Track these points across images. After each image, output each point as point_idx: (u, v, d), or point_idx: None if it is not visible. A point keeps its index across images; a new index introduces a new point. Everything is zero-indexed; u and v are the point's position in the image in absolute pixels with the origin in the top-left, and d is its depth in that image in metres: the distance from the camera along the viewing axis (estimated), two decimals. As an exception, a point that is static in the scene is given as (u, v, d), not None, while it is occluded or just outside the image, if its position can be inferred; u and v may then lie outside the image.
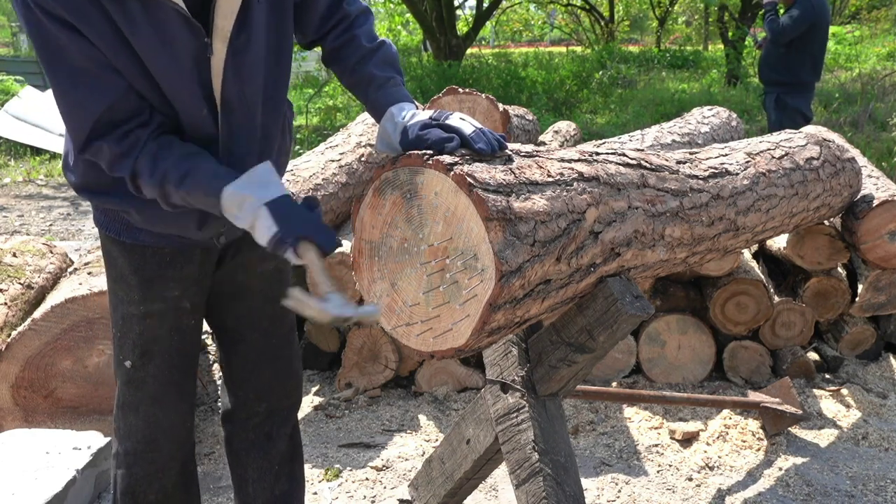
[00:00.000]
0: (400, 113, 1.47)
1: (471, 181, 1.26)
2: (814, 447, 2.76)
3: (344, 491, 2.51)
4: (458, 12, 16.30)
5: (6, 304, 2.84)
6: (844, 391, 3.12)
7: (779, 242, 3.30)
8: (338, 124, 10.16)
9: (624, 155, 1.70)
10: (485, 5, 14.12)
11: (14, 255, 3.22)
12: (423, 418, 2.96)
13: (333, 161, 3.55)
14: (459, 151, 1.34)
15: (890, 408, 3.02)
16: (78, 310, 2.57)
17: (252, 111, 1.50)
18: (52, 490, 2.20)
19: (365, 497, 2.47)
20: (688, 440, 2.80)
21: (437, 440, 2.79)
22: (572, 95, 12.11)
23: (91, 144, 1.37)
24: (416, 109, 1.49)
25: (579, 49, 20.33)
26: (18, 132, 8.79)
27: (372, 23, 1.64)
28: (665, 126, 4.38)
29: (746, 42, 12.33)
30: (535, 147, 1.53)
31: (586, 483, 2.51)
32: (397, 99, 1.51)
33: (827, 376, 3.29)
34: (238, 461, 1.89)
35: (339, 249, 2.50)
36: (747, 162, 2.21)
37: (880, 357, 3.43)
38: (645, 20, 24.39)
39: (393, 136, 1.45)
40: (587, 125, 9.88)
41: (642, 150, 1.84)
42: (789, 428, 2.82)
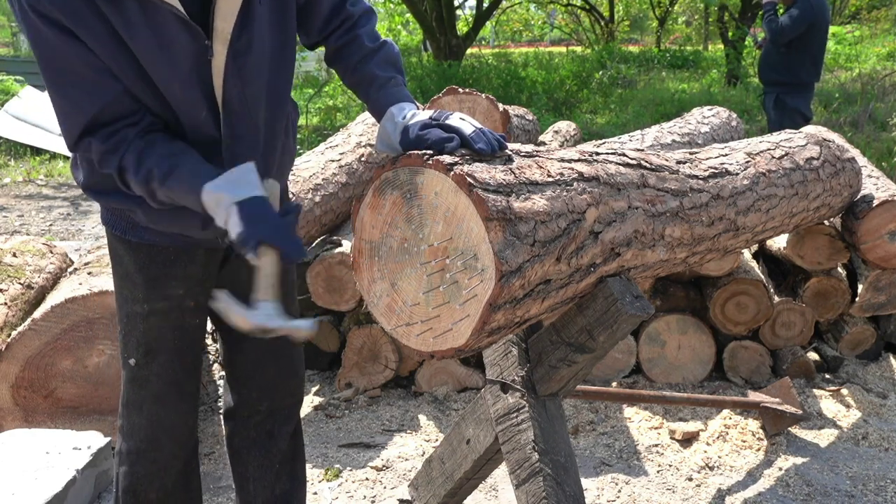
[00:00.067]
0: (400, 113, 1.47)
1: (471, 181, 1.26)
2: (814, 447, 2.76)
3: (344, 491, 2.51)
4: (458, 12, 16.31)
5: (6, 304, 2.84)
6: (844, 391, 3.12)
7: (779, 242, 3.30)
8: (338, 124, 10.16)
9: (624, 155, 1.70)
10: (485, 5, 14.12)
11: (14, 255, 3.22)
12: (423, 418, 2.96)
13: (333, 161, 3.55)
14: (459, 151, 1.34)
15: (890, 408, 3.02)
16: (78, 310, 2.57)
17: (254, 112, 1.50)
18: (52, 490, 2.20)
19: (365, 497, 2.47)
20: (688, 440, 2.80)
21: (437, 440, 2.79)
22: (572, 95, 12.11)
23: (81, 142, 1.38)
24: (417, 109, 1.49)
25: (579, 49, 20.32)
26: (18, 132, 8.79)
27: (374, 23, 1.64)
28: (665, 126, 4.37)
29: (746, 42, 12.33)
30: (535, 147, 1.53)
31: (586, 483, 2.51)
32: (398, 99, 1.51)
33: (827, 376, 3.29)
34: (239, 459, 1.89)
35: (339, 249, 2.50)
36: (747, 162, 2.21)
37: (880, 357, 3.43)
38: (645, 20, 24.38)
39: (393, 136, 1.45)
40: (587, 125, 9.88)
41: (642, 150, 1.84)
42: (789, 428, 2.82)
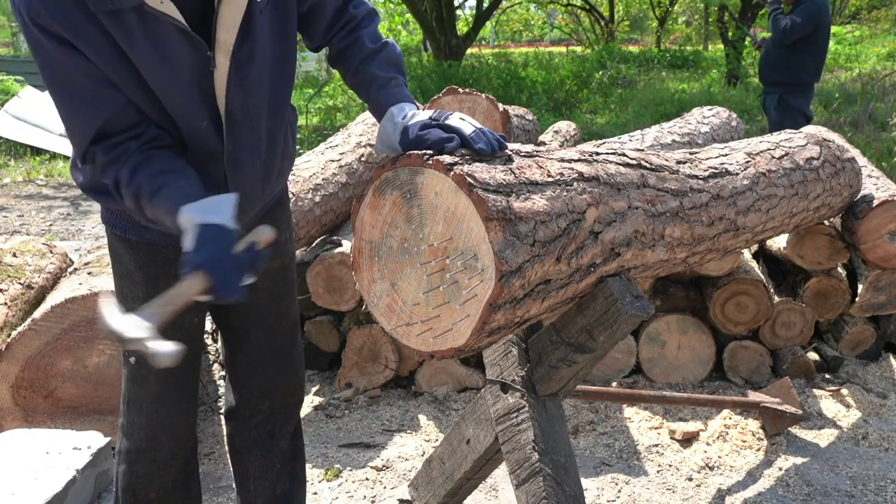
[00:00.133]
0: (400, 113, 1.47)
1: (471, 181, 1.26)
2: (814, 447, 2.76)
3: (344, 491, 2.51)
4: (458, 12, 16.30)
5: (6, 304, 2.84)
6: (844, 391, 3.12)
7: (779, 242, 3.30)
8: (338, 124, 10.16)
9: (624, 155, 1.70)
10: (485, 5, 14.12)
11: (14, 255, 3.22)
12: (423, 418, 2.96)
13: (333, 161, 3.55)
14: (459, 151, 1.34)
15: (890, 408, 3.02)
16: (78, 310, 2.57)
17: (256, 121, 1.50)
18: (52, 490, 2.20)
19: (365, 497, 2.47)
20: (688, 440, 2.80)
21: (437, 440, 2.79)
22: (572, 95, 12.11)
23: (87, 154, 1.39)
24: (417, 109, 1.49)
25: (579, 49, 20.32)
26: (18, 132, 8.79)
27: (377, 24, 1.64)
28: (665, 126, 4.37)
29: (746, 42, 12.33)
30: (535, 147, 1.53)
31: (586, 483, 2.51)
32: (398, 99, 1.51)
33: (827, 376, 3.29)
34: (240, 459, 1.90)
35: (339, 249, 2.50)
36: (747, 162, 2.21)
37: (880, 357, 3.43)
38: (645, 20, 24.38)
39: (393, 136, 1.45)
40: (587, 125, 9.88)
41: (642, 150, 1.84)
42: (789, 428, 2.82)
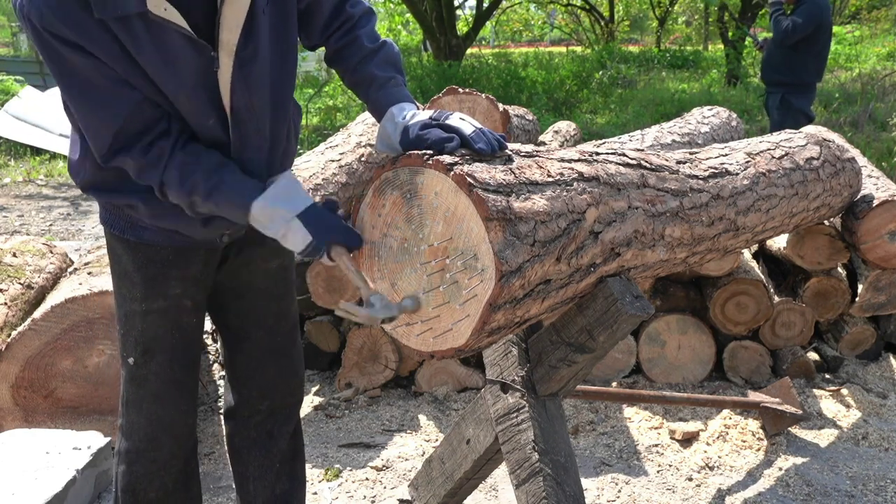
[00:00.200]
0: (400, 113, 1.47)
1: (471, 181, 1.26)
2: (814, 447, 2.76)
3: (344, 491, 2.51)
4: (458, 12, 16.30)
5: (6, 304, 2.84)
6: (844, 391, 3.12)
7: (779, 242, 3.30)
8: (338, 124, 10.16)
9: (624, 155, 1.70)
10: (485, 5, 14.12)
11: (14, 255, 3.22)
12: (423, 418, 2.96)
13: (333, 161, 3.55)
14: (459, 151, 1.34)
15: (890, 408, 3.02)
16: (78, 310, 2.57)
17: (261, 118, 1.52)
18: (52, 490, 2.20)
19: (365, 497, 2.47)
20: (688, 440, 2.80)
21: (437, 440, 2.79)
22: (572, 95, 12.10)
23: (115, 157, 1.40)
24: (417, 109, 1.49)
25: (579, 49, 20.32)
26: (18, 132, 8.78)
27: (374, 23, 1.64)
28: (665, 126, 4.37)
29: (746, 42, 12.33)
30: (535, 147, 1.53)
31: (586, 483, 2.51)
32: (398, 99, 1.51)
33: (827, 376, 3.29)
34: (239, 459, 1.90)
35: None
36: (747, 162, 2.21)
37: (880, 357, 3.43)
38: (645, 20, 24.38)
39: (393, 136, 1.45)
40: (587, 125, 9.88)
41: (642, 150, 1.84)
42: (789, 428, 2.82)
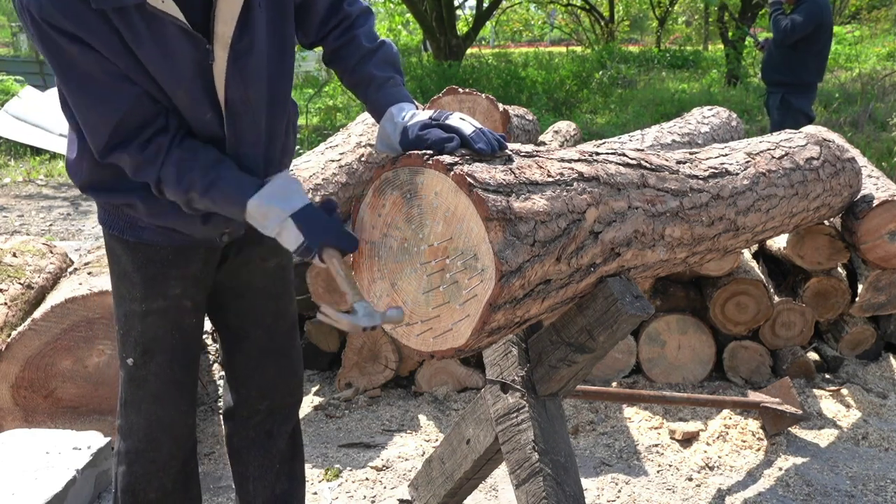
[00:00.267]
0: (400, 113, 1.47)
1: (471, 181, 1.26)
2: (814, 447, 2.76)
3: (344, 491, 2.51)
4: (458, 12, 16.30)
5: (6, 304, 2.84)
6: (844, 391, 3.12)
7: (779, 242, 3.30)
8: (338, 124, 10.16)
9: (624, 155, 1.70)
10: (485, 5, 14.12)
11: (14, 255, 3.22)
12: (423, 418, 2.96)
13: (333, 161, 3.55)
14: (459, 151, 1.34)
15: (890, 408, 3.02)
16: (78, 310, 2.57)
17: (257, 114, 1.51)
18: (52, 490, 2.20)
19: (365, 497, 2.47)
20: (688, 440, 2.80)
21: (437, 440, 2.79)
22: (572, 95, 12.10)
23: (112, 152, 1.39)
24: (416, 109, 1.49)
25: (579, 49, 20.32)
26: (18, 132, 8.78)
27: (373, 23, 1.64)
28: (665, 126, 4.37)
29: (746, 42, 12.33)
30: (535, 147, 1.53)
31: (586, 483, 2.51)
32: (397, 99, 1.51)
33: (827, 376, 3.29)
34: (239, 459, 1.90)
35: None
36: (747, 162, 2.21)
37: (880, 357, 3.43)
38: (645, 20, 24.38)
39: (393, 137, 1.45)
40: (587, 125, 9.88)
41: (642, 150, 1.84)
42: (789, 428, 2.82)
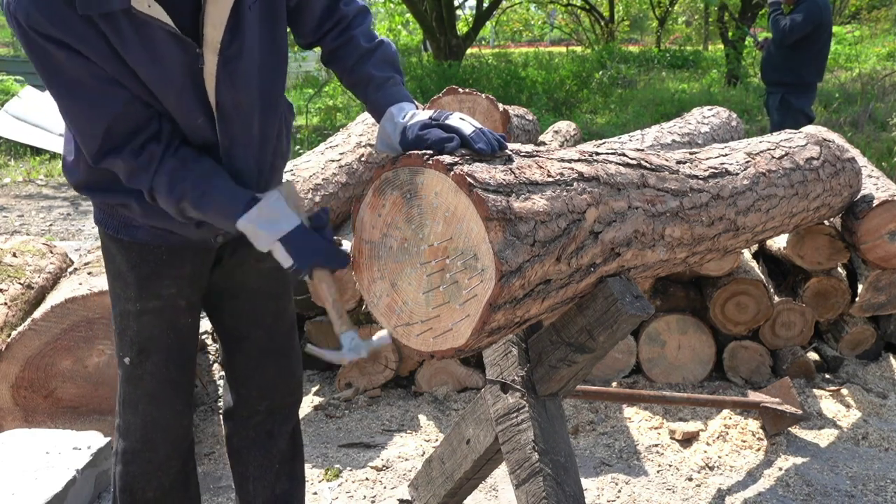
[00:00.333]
0: (400, 113, 1.47)
1: (471, 181, 1.26)
2: (814, 447, 2.76)
3: (344, 491, 2.51)
4: (458, 12, 16.30)
5: (6, 304, 2.84)
6: (844, 391, 3.12)
7: (779, 242, 3.30)
8: (338, 124, 10.16)
9: (624, 155, 1.70)
10: (485, 5, 14.12)
11: (14, 255, 3.22)
12: (423, 418, 2.96)
13: (333, 161, 3.55)
14: (459, 151, 1.34)
15: (890, 408, 3.02)
16: (78, 310, 2.57)
17: (249, 117, 1.50)
18: (52, 490, 2.20)
19: (365, 497, 2.47)
20: (688, 440, 2.80)
21: (437, 440, 2.79)
22: (572, 95, 12.10)
23: (105, 158, 1.39)
24: (416, 109, 1.49)
25: (579, 49, 20.32)
26: (18, 132, 8.78)
27: (370, 22, 1.63)
28: (665, 126, 4.37)
29: (746, 42, 12.33)
30: (535, 147, 1.53)
31: (586, 483, 2.51)
32: (397, 99, 1.51)
33: (827, 376, 3.29)
34: (239, 459, 1.90)
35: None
36: (747, 162, 2.21)
37: (880, 357, 3.43)
38: (645, 20, 24.37)
39: (393, 136, 1.44)
40: (587, 125, 9.88)
41: (642, 150, 1.84)
42: (789, 428, 2.82)
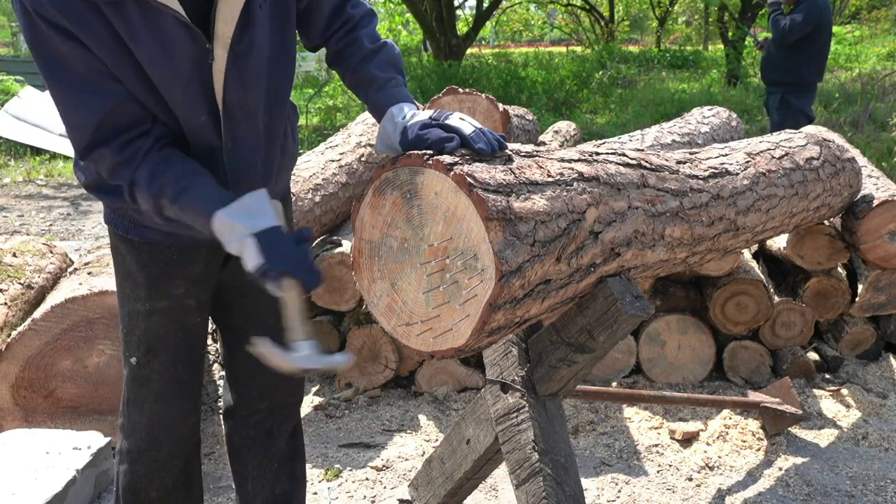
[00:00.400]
0: (400, 113, 1.47)
1: (471, 181, 1.26)
2: (814, 447, 2.76)
3: (344, 491, 2.51)
4: (458, 12, 16.31)
5: (6, 304, 2.84)
6: (844, 391, 3.12)
7: (779, 242, 3.30)
8: (338, 124, 10.16)
9: (624, 155, 1.70)
10: (485, 5, 14.13)
11: (14, 255, 3.22)
12: (423, 418, 2.96)
13: (333, 161, 3.55)
14: (459, 151, 1.34)
15: (890, 408, 3.02)
16: (78, 310, 2.57)
17: (254, 116, 1.50)
18: (52, 490, 2.20)
19: (365, 497, 2.47)
20: (688, 440, 2.80)
21: (437, 440, 2.79)
22: (572, 95, 12.11)
23: (92, 151, 1.37)
24: (416, 109, 1.49)
25: (579, 49, 20.33)
26: (18, 132, 8.78)
27: (375, 24, 1.64)
28: (665, 126, 4.37)
29: (746, 42, 12.33)
30: (535, 147, 1.53)
31: (586, 483, 2.51)
32: (397, 99, 1.51)
33: (827, 376, 3.29)
34: (238, 458, 1.90)
35: (339, 249, 2.50)
36: (747, 162, 2.21)
37: (880, 357, 3.43)
38: (645, 20, 24.39)
39: (393, 137, 1.44)
40: (587, 125, 9.88)
41: (642, 150, 1.84)
42: (789, 428, 2.82)
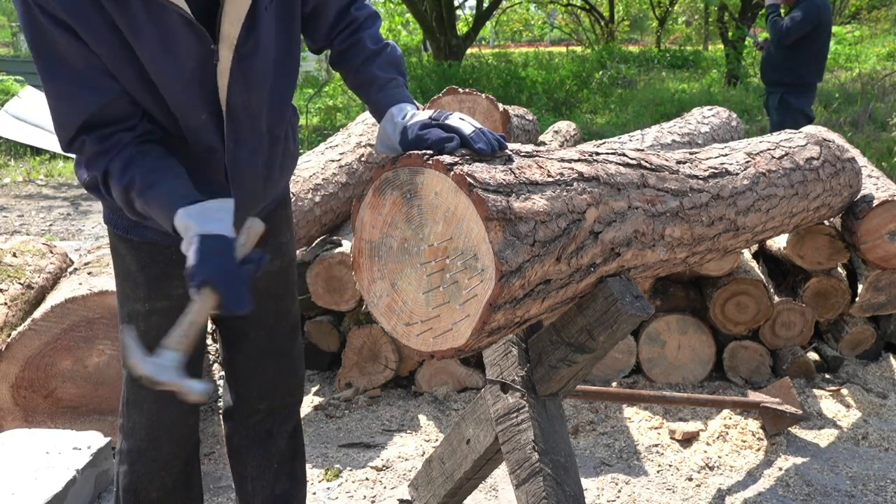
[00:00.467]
0: (400, 113, 1.47)
1: (471, 181, 1.26)
2: (814, 447, 2.76)
3: (344, 491, 2.51)
4: (458, 12, 16.31)
5: (6, 304, 2.84)
6: (844, 391, 3.12)
7: (779, 242, 3.30)
8: (338, 124, 10.17)
9: (624, 155, 1.70)
10: (485, 5, 14.13)
11: (14, 255, 3.22)
12: (423, 418, 2.96)
13: (333, 161, 3.55)
14: (459, 151, 1.34)
15: (890, 408, 3.02)
16: (78, 310, 2.57)
17: (257, 118, 1.50)
18: (52, 490, 2.20)
19: (365, 497, 2.47)
20: (688, 440, 2.80)
21: (437, 440, 2.79)
22: (572, 95, 12.11)
23: (75, 140, 1.37)
24: (416, 110, 1.49)
25: (579, 49, 20.34)
26: (18, 132, 8.78)
27: (379, 26, 1.65)
28: (665, 126, 4.37)
29: (746, 42, 12.34)
30: (535, 147, 1.53)
31: (586, 483, 2.51)
32: (398, 100, 1.51)
33: (827, 376, 3.29)
34: (238, 458, 1.90)
35: (339, 249, 2.49)
36: (747, 162, 2.21)
37: (880, 357, 3.43)
38: (645, 20, 24.40)
39: (393, 137, 1.45)
40: (587, 125, 9.88)
41: (642, 150, 1.84)
42: (789, 428, 2.82)
